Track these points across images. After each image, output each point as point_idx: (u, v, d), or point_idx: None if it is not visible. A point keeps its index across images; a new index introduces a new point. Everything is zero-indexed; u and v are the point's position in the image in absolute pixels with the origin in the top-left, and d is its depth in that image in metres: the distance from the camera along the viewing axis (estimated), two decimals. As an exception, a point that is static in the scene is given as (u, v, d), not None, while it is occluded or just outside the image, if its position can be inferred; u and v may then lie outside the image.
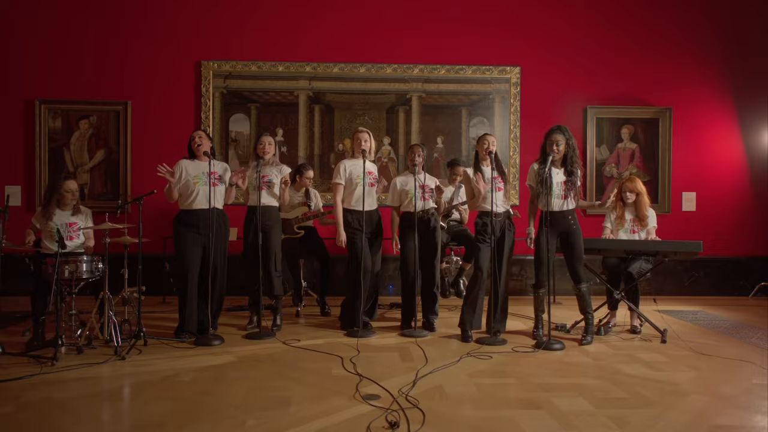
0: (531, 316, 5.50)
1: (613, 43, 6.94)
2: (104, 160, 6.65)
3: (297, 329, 4.99)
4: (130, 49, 6.67)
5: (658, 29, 6.97)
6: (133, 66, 6.68)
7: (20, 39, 6.58)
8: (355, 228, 4.81)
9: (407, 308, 4.97)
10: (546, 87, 6.92)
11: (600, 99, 6.92)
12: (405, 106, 6.87)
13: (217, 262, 4.58)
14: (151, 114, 6.68)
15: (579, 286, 4.51)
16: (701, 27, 6.99)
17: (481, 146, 4.64)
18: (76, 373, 3.61)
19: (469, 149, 6.89)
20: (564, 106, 6.92)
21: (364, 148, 4.81)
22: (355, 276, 4.76)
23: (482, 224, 4.57)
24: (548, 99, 6.92)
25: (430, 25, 6.86)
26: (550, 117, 6.79)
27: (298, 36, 6.79)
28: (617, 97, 6.91)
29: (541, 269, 4.50)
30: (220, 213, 4.66)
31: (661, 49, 6.96)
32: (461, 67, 6.86)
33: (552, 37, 6.93)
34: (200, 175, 4.55)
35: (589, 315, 4.54)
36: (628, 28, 6.96)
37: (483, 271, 4.58)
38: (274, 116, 6.80)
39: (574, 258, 4.49)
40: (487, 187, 4.55)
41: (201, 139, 4.64)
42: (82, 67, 6.62)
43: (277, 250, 4.90)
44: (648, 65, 6.95)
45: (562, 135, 4.48)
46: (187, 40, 6.72)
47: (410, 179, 4.89)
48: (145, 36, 6.69)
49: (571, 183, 4.48)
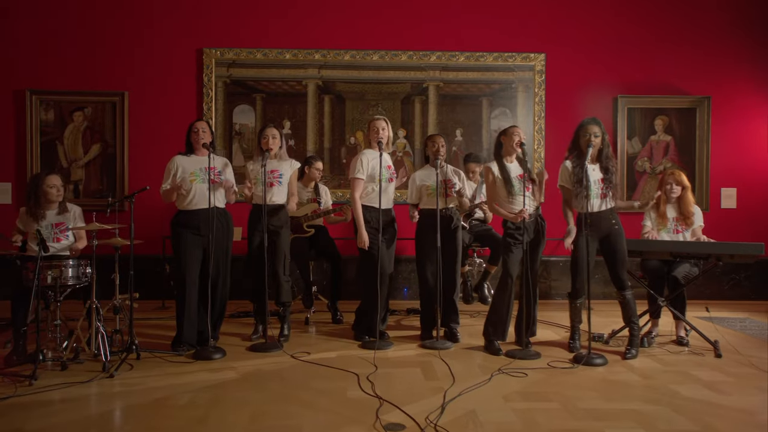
0: (559, 323, 5.05)
1: (647, 27, 6.43)
2: (100, 154, 6.22)
3: (306, 339, 4.54)
4: (127, 37, 6.23)
5: (696, 11, 6.45)
6: (131, 54, 6.24)
7: (10, 26, 6.16)
8: (374, 228, 4.36)
9: (427, 317, 4.52)
10: (573, 75, 6.43)
11: (631, 88, 6.42)
12: (421, 96, 6.40)
13: (219, 266, 4.15)
14: (150, 105, 6.24)
15: (623, 293, 4.03)
16: (746, 7, 6.46)
17: (511, 139, 4.16)
18: (56, 395, 3.18)
19: (490, 142, 6.40)
20: (592, 96, 6.42)
21: (381, 139, 4.35)
22: (372, 283, 4.31)
23: (514, 225, 4.11)
24: (575, 88, 6.43)
25: (449, 9, 6.38)
26: (577, 107, 6.33)
27: (306, 21, 6.33)
28: (650, 86, 6.41)
29: (579, 276, 4.03)
30: (222, 212, 4.22)
31: (699, 33, 6.44)
32: (482, 53, 6.38)
33: (579, 21, 6.43)
34: (197, 171, 4.11)
35: (634, 325, 4.07)
36: (663, 10, 6.44)
37: (513, 276, 4.11)
38: (281, 107, 6.35)
39: (617, 262, 4.02)
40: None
41: (204, 132, 4.19)
42: (76, 56, 6.19)
43: (287, 253, 4.45)
44: (685, 50, 6.43)
45: (598, 127, 4.01)
46: (187, 27, 6.27)
47: (431, 173, 4.42)
48: (143, 22, 6.25)
49: (609, 180, 4.01)
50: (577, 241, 4.03)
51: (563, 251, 6.42)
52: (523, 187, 4.04)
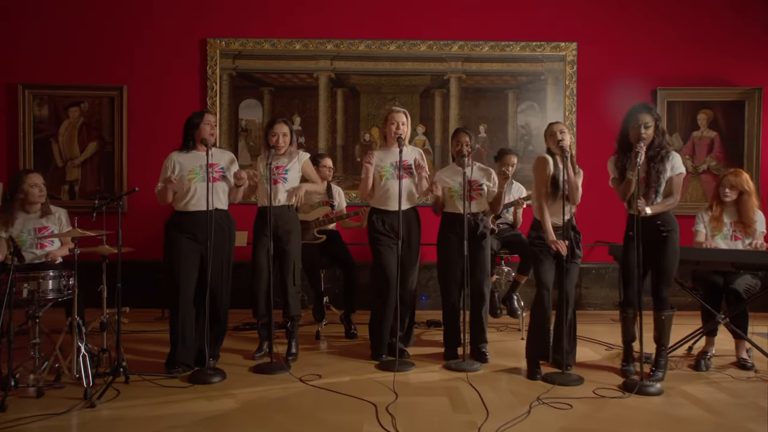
0: (596, 339, 4.53)
1: (688, 12, 5.88)
2: (97, 153, 5.81)
3: (317, 358, 4.07)
4: (125, 27, 5.80)
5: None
6: (130, 46, 5.81)
7: (1, 16, 5.76)
8: (381, 232, 3.89)
9: (451, 334, 4.04)
10: (607, 66, 5.90)
11: (672, 79, 5.87)
12: (442, 89, 5.90)
13: (219, 275, 3.70)
14: (150, 100, 5.81)
15: (661, 313, 3.51)
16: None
17: (553, 138, 3.66)
18: (24, 430, 2.73)
19: (517, 138, 5.91)
20: (629, 88, 5.86)
21: (400, 134, 3.88)
22: (379, 294, 3.86)
23: (537, 236, 3.64)
24: (610, 80, 5.89)
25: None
26: (612, 101, 5.77)
27: (318, 9, 5.86)
28: (693, 77, 5.86)
29: (627, 285, 3.52)
30: (224, 215, 3.76)
31: (746, 18, 5.87)
32: (507, 43, 5.88)
33: (614, 7, 5.90)
34: (196, 168, 3.66)
35: (663, 349, 3.55)
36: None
37: (549, 288, 3.61)
38: (291, 102, 5.89)
39: (660, 277, 3.50)
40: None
41: (214, 128, 3.74)
42: (72, 48, 5.77)
43: (297, 261, 3.98)
44: (731, 37, 5.86)
45: (650, 115, 3.49)
46: (190, 16, 5.83)
47: (456, 173, 3.93)
48: (143, 12, 5.82)
49: (657, 177, 3.48)
50: (626, 246, 3.53)
51: (595, 257, 5.92)
52: (563, 193, 3.53)
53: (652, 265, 3.50)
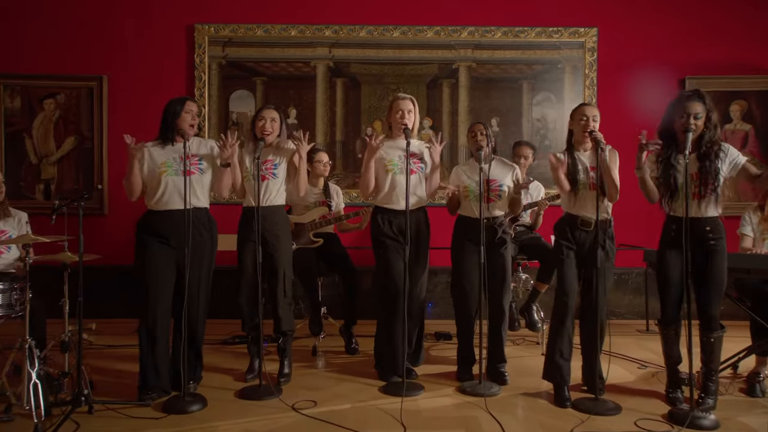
0: (624, 354, 4.04)
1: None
2: (75, 148, 5.33)
3: (313, 379, 3.59)
4: (105, 12, 5.32)
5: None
6: (110, 32, 5.32)
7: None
8: (387, 235, 3.42)
9: (465, 352, 3.56)
10: (630, 53, 5.41)
11: (702, 67, 5.37)
12: (450, 79, 5.42)
13: (196, 286, 3.22)
14: (132, 91, 5.33)
15: (710, 335, 3.02)
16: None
17: (578, 123, 3.20)
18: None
19: (532, 132, 5.42)
20: (655, 77, 5.39)
21: (406, 124, 3.41)
22: (385, 306, 3.40)
23: (562, 229, 3.17)
24: (634, 68, 5.41)
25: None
26: (636, 91, 5.35)
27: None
28: (725, 64, 5.36)
29: (669, 296, 3.03)
30: (203, 215, 3.28)
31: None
32: (522, 29, 5.39)
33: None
34: (170, 161, 3.19)
35: (714, 374, 3.06)
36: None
37: (570, 296, 3.12)
38: (286, 93, 5.40)
39: (709, 290, 3.00)
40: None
41: (194, 118, 3.27)
42: (47, 34, 5.28)
43: (287, 269, 3.51)
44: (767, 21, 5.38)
45: (701, 103, 3.01)
46: (176, 0, 5.35)
47: (475, 170, 3.45)
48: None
49: (709, 174, 3.00)
50: (663, 254, 3.05)
51: (617, 261, 5.43)
52: (595, 184, 3.06)
53: (697, 278, 3.01)
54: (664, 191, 3.03)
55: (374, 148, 3.41)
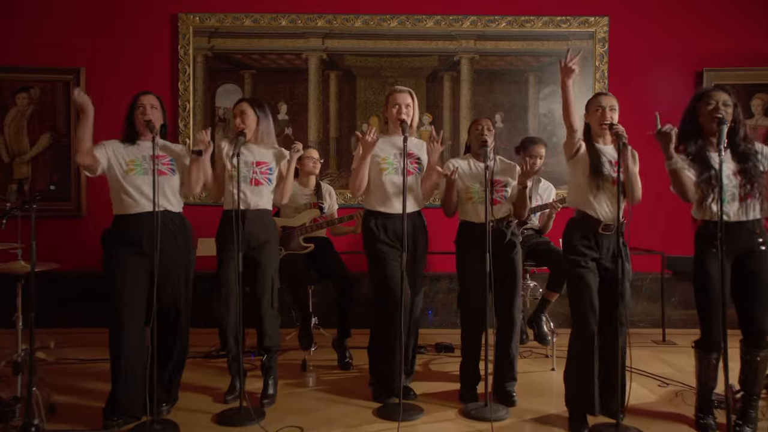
0: (642, 370, 3.67)
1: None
2: (50, 146, 4.98)
3: (301, 400, 3.25)
4: (83, 0, 4.99)
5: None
6: (88, 22, 4.98)
7: (-61, -13, 4.96)
8: (383, 241, 3.08)
9: (470, 370, 3.23)
10: (644, 43, 5.08)
11: (720, 59, 5.03)
12: (451, 71, 5.08)
13: (173, 297, 2.90)
14: (112, 85, 4.96)
15: (757, 353, 2.68)
16: None
17: (594, 114, 2.87)
18: None
19: (539, 130, 5.08)
20: (670, 70, 5.07)
21: (404, 118, 3.08)
22: (382, 319, 3.07)
23: (576, 233, 2.83)
24: (647, 60, 5.08)
25: (486, -38, 5.07)
26: (650, 85, 5.05)
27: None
28: (746, 56, 5.02)
29: (713, 317, 2.67)
30: (176, 219, 2.95)
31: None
32: (528, 18, 5.05)
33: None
34: (138, 159, 2.88)
35: (756, 399, 2.72)
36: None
37: (589, 315, 2.77)
38: (276, 87, 5.06)
39: (756, 301, 2.67)
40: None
41: (154, 108, 2.98)
42: (20, 23, 4.93)
43: (274, 278, 3.17)
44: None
45: (727, 94, 2.70)
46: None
47: (474, 169, 3.10)
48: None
49: (750, 173, 2.67)
50: (703, 265, 2.70)
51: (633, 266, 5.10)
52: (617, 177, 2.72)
53: (742, 288, 2.67)
54: (705, 193, 2.67)
55: (370, 144, 3.07)
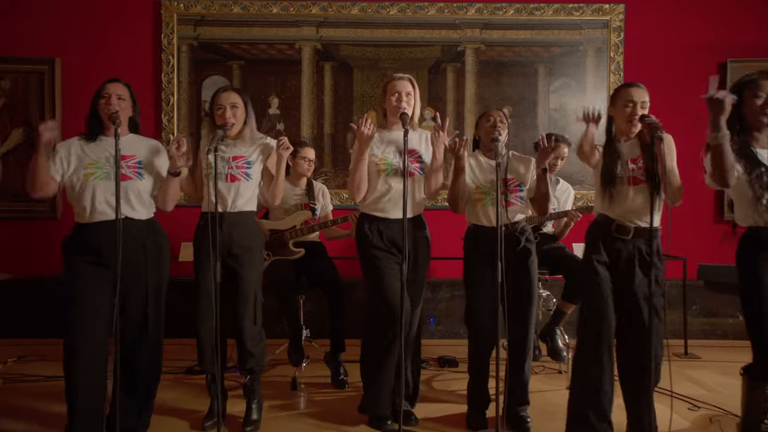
0: (659, 388, 3.32)
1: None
2: (23, 142, 4.64)
3: (288, 425, 2.89)
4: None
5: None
6: (64, 8, 4.64)
7: None
8: (379, 247, 2.73)
9: (478, 391, 2.87)
10: (662, 33, 4.73)
11: (745, 49, 4.69)
12: (455, 62, 4.73)
13: (141, 308, 2.57)
14: (90, 76, 4.51)
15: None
16: None
17: (622, 109, 2.53)
18: None
19: (549, 124, 4.73)
20: (690, 61, 4.72)
21: (403, 108, 2.73)
22: (377, 335, 2.73)
23: (593, 237, 2.49)
24: (666, 50, 4.73)
25: (492, -55, 4.72)
26: (668, 77, 4.68)
27: (300, -37, 4.70)
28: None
29: (765, 335, 2.32)
30: (144, 226, 2.60)
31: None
32: (537, 5, 4.71)
33: (670, -40, 4.75)
34: (100, 161, 2.54)
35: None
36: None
37: (603, 332, 2.41)
38: (266, 79, 4.71)
39: None
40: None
41: (122, 99, 2.63)
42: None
43: (258, 291, 2.82)
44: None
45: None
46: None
47: (483, 166, 2.75)
48: (83, -34, 4.67)
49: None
50: (754, 272, 2.34)
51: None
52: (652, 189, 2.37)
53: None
54: (758, 193, 2.32)
55: (367, 138, 2.72)
